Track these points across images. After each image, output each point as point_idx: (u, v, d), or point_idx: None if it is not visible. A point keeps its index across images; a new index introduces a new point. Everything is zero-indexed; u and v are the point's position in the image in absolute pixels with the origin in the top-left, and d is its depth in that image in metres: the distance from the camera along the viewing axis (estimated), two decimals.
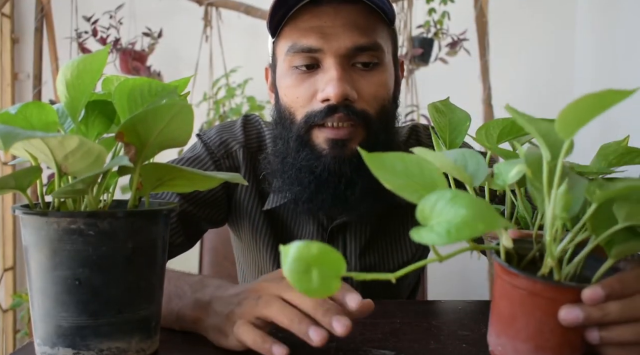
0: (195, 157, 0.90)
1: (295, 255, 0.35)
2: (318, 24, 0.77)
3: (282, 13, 0.78)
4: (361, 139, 0.79)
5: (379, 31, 0.80)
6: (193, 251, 0.99)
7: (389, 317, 0.67)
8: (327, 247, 0.36)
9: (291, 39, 0.79)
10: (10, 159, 1.83)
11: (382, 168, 0.38)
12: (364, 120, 0.78)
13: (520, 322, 0.44)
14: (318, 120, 0.77)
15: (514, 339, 0.45)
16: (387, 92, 0.82)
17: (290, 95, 0.80)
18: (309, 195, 0.80)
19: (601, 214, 0.44)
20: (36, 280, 0.50)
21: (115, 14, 1.95)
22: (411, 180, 0.38)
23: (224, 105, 1.99)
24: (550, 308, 0.43)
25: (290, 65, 0.80)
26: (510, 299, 0.45)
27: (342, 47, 0.76)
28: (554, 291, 0.43)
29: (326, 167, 0.78)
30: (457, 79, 1.94)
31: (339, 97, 0.75)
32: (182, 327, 0.63)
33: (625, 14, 1.80)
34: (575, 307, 0.42)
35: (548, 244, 0.43)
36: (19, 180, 0.50)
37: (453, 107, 0.66)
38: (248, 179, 0.90)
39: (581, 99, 0.37)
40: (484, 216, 0.36)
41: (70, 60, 0.52)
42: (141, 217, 0.51)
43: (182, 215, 0.86)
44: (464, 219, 0.36)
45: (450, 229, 0.36)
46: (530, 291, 0.44)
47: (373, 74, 0.79)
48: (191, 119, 0.51)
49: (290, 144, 0.81)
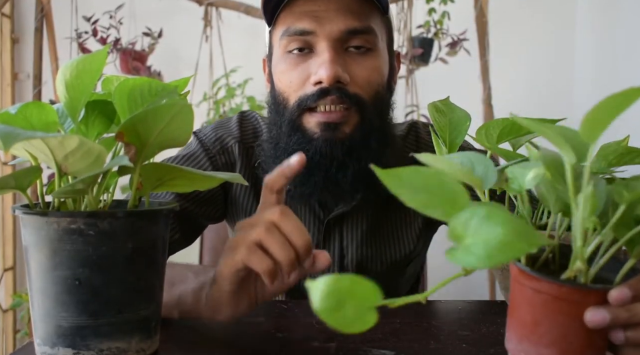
0: (190, 155, 0.90)
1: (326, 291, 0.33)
2: (312, 8, 0.78)
3: (276, 0, 0.79)
4: (355, 123, 0.79)
5: (373, 17, 0.81)
6: (193, 251, 0.99)
7: (389, 317, 0.67)
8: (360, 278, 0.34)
9: (285, 24, 0.80)
10: (10, 159, 1.83)
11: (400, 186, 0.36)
12: (357, 103, 0.78)
13: (544, 327, 0.43)
14: (310, 103, 0.78)
15: (537, 344, 0.44)
16: (381, 78, 0.82)
17: (284, 79, 0.81)
18: (301, 179, 0.80)
19: (625, 217, 0.43)
20: (36, 280, 0.50)
21: (115, 14, 1.95)
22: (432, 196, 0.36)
23: (224, 105, 1.99)
24: (575, 311, 0.42)
25: (285, 51, 0.81)
26: (532, 304, 0.44)
27: (335, 31, 0.77)
28: (579, 294, 0.42)
29: (317, 150, 0.78)
30: (457, 79, 1.94)
31: (331, 79, 0.75)
32: (181, 312, 0.64)
33: (625, 14, 1.80)
34: (601, 308, 0.42)
35: (579, 249, 0.42)
36: (19, 180, 0.50)
37: (453, 106, 0.66)
38: (244, 173, 0.90)
39: (604, 101, 0.36)
40: (524, 235, 0.34)
41: (69, 60, 0.52)
42: (141, 217, 0.51)
43: (177, 212, 0.86)
44: (503, 238, 0.34)
45: (491, 251, 0.33)
46: (554, 295, 0.43)
47: (366, 58, 0.80)
48: (191, 119, 0.51)
49: (282, 129, 0.81)
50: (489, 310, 0.70)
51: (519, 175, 0.46)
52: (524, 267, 0.45)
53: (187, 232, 0.90)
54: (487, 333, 0.61)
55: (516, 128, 0.60)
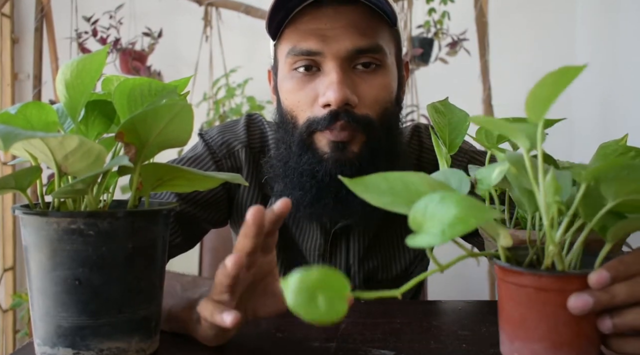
0: (196, 157, 0.90)
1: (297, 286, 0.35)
2: (318, 26, 0.77)
3: (282, 15, 0.78)
4: (362, 142, 0.78)
5: (381, 32, 0.79)
6: (193, 251, 0.99)
7: (389, 317, 0.67)
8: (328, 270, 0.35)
9: (291, 42, 0.79)
10: (10, 159, 1.83)
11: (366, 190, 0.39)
12: (365, 125, 0.77)
13: (532, 322, 0.44)
14: (321, 128, 0.77)
15: (528, 340, 0.44)
16: (390, 95, 0.81)
17: (292, 99, 0.80)
18: (311, 200, 0.79)
19: (591, 199, 0.44)
20: (36, 280, 0.50)
21: (115, 14, 1.95)
22: (397, 197, 0.39)
23: (224, 105, 1.99)
24: (559, 301, 0.43)
25: (291, 69, 0.79)
26: (517, 300, 0.45)
27: (342, 50, 0.76)
28: (560, 282, 0.43)
29: (328, 172, 0.77)
30: (457, 79, 1.94)
31: (340, 102, 0.74)
32: (171, 329, 0.61)
33: (625, 14, 1.80)
34: (583, 293, 0.42)
35: (547, 231, 0.44)
36: (19, 180, 0.50)
37: (452, 107, 0.66)
38: (250, 179, 0.90)
39: (542, 80, 0.38)
40: (475, 211, 0.37)
41: (69, 60, 0.52)
42: (141, 217, 0.51)
43: (179, 215, 0.86)
44: (455, 216, 0.36)
45: (444, 228, 0.36)
46: (536, 287, 0.43)
47: (375, 76, 0.78)
48: (191, 119, 0.51)
49: (292, 148, 0.80)
50: (489, 310, 0.70)
51: (487, 175, 0.49)
52: (503, 264, 0.46)
53: (189, 235, 0.89)
54: (487, 333, 0.61)
55: None
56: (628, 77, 1.74)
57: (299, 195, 0.80)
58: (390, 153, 0.81)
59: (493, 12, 1.95)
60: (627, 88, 1.75)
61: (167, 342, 0.59)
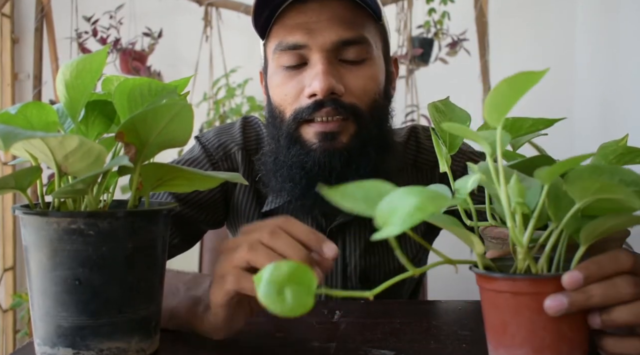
0: (193, 159, 0.90)
1: (267, 280, 0.36)
2: (303, 20, 0.77)
3: (268, 13, 0.79)
4: (352, 133, 0.78)
5: (366, 25, 0.80)
6: (193, 251, 0.99)
7: (389, 317, 0.67)
8: (298, 264, 0.36)
9: (278, 37, 0.79)
10: (10, 159, 1.83)
11: (343, 199, 0.40)
12: (354, 113, 0.78)
13: (512, 327, 0.44)
14: (306, 116, 0.77)
15: (510, 346, 0.44)
16: (377, 86, 0.81)
17: (279, 93, 0.81)
18: (301, 191, 0.79)
19: (560, 201, 0.45)
20: (36, 280, 0.50)
21: (115, 14, 1.95)
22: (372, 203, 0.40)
23: (224, 105, 1.99)
24: (536, 304, 0.43)
25: (279, 64, 0.80)
26: (496, 306, 0.45)
27: (327, 42, 0.76)
28: (535, 285, 0.43)
29: (316, 162, 0.77)
30: (457, 79, 1.94)
31: (325, 91, 0.75)
32: (175, 325, 0.62)
33: (625, 14, 1.80)
34: (558, 294, 0.43)
35: (511, 233, 0.44)
36: (19, 180, 0.50)
37: (453, 106, 0.66)
38: (247, 180, 0.90)
39: (497, 86, 0.40)
40: (434, 200, 0.38)
41: (69, 60, 0.52)
42: (141, 217, 0.51)
43: (177, 217, 0.86)
44: (415, 205, 0.37)
45: (404, 217, 0.37)
46: (513, 292, 0.44)
47: (361, 67, 0.79)
48: (191, 119, 0.51)
49: (281, 142, 0.81)
50: None
51: (463, 185, 0.50)
52: (480, 271, 0.46)
53: (187, 236, 0.89)
54: None
55: (516, 128, 0.60)
56: (628, 77, 1.74)
57: (289, 188, 0.80)
58: (380, 146, 0.81)
59: (493, 12, 1.95)
60: (627, 88, 1.75)
61: (167, 342, 0.59)
